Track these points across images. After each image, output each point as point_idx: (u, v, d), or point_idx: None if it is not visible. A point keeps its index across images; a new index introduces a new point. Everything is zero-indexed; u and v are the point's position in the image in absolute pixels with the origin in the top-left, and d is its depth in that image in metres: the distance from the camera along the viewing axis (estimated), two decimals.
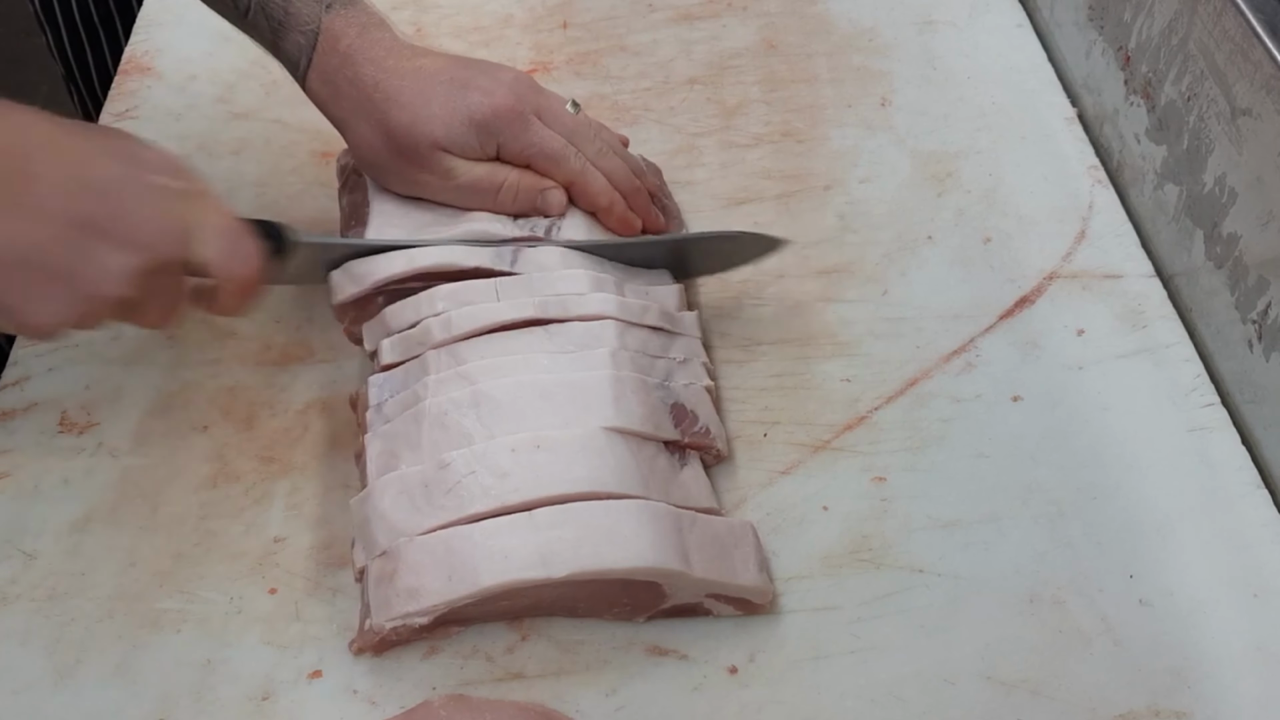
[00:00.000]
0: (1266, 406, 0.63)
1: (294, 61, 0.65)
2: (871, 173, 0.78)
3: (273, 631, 0.57)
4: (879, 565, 0.59)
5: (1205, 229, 0.69)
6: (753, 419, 0.65)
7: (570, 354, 0.60)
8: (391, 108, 0.63)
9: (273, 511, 0.62)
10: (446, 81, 0.64)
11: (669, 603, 0.56)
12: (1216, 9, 0.66)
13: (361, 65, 0.64)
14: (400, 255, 0.64)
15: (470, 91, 0.64)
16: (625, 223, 0.67)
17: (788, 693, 0.55)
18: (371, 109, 0.64)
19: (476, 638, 0.57)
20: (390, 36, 0.65)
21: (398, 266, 0.63)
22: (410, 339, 0.62)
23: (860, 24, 0.89)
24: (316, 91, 0.65)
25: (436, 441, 0.57)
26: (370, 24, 0.65)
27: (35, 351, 0.69)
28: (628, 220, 0.67)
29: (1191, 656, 0.56)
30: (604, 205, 0.66)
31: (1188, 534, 0.60)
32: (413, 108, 0.63)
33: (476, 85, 0.64)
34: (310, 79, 0.65)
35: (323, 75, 0.64)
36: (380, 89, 0.63)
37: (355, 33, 0.64)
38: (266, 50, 0.67)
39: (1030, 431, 0.64)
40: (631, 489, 0.55)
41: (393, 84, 0.63)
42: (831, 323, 0.70)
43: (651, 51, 0.87)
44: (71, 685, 0.56)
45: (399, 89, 0.63)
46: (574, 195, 0.66)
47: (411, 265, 0.63)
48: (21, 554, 0.60)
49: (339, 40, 0.64)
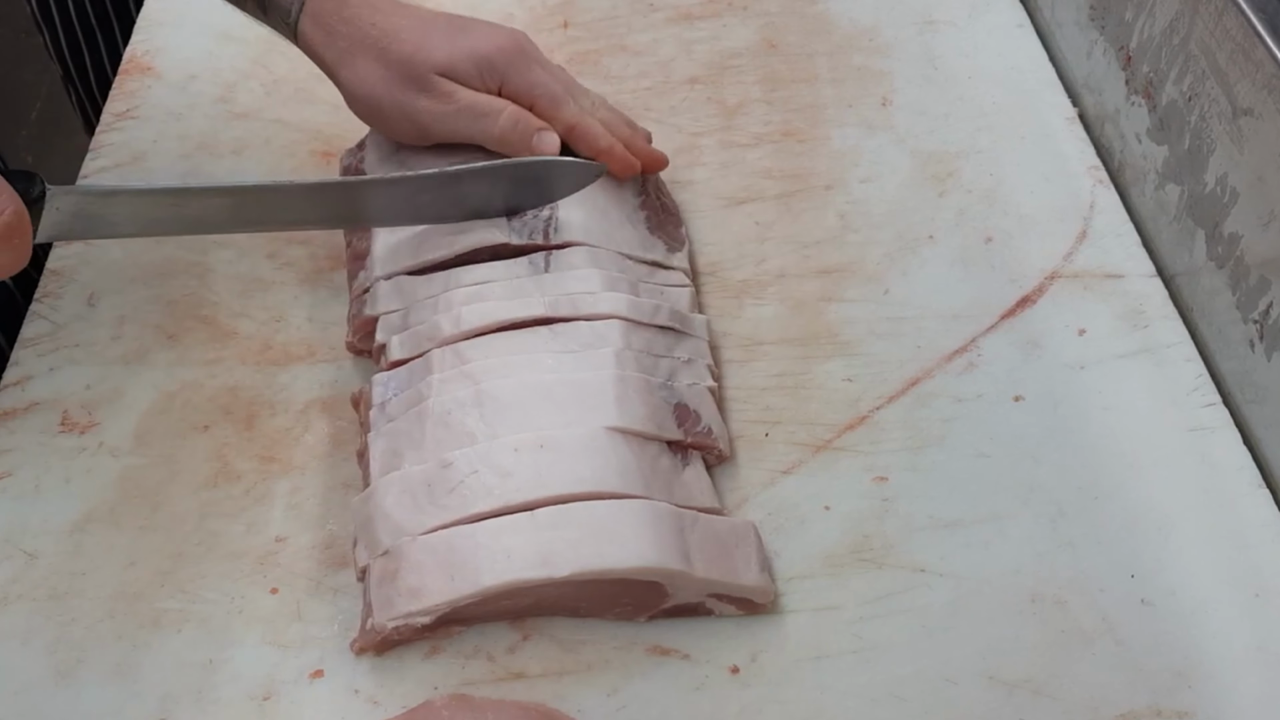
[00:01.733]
0: (1267, 406, 0.63)
1: (285, 8, 0.65)
2: (872, 172, 0.78)
3: (274, 631, 0.57)
4: (880, 565, 0.59)
5: (1206, 229, 0.69)
6: (754, 419, 0.65)
7: (574, 353, 0.60)
8: (391, 42, 0.64)
9: (274, 511, 0.62)
10: (446, 22, 0.65)
11: (671, 602, 0.56)
12: (1218, 9, 0.66)
13: (357, 8, 0.65)
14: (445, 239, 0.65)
15: (472, 32, 0.65)
16: (625, 163, 0.68)
17: (789, 692, 0.55)
18: (369, 44, 0.64)
19: (478, 637, 0.57)
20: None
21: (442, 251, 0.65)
22: (419, 334, 0.62)
23: (861, 24, 0.89)
24: (309, 35, 0.65)
25: (440, 440, 0.57)
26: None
27: (36, 351, 0.69)
28: (628, 161, 0.68)
29: (1193, 656, 0.56)
30: (604, 147, 0.67)
31: (1189, 533, 0.60)
32: (413, 40, 0.64)
33: (477, 28, 0.66)
34: (303, 24, 0.65)
35: (315, 18, 0.65)
36: (378, 26, 0.64)
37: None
38: (251, 12, 0.67)
39: (1031, 431, 0.64)
40: (634, 489, 0.55)
41: (391, 23, 0.64)
42: (832, 322, 0.70)
43: (652, 51, 0.87)
44: (72, 685, 0.56)
45: (398, 27, 0.64)
46: (573, 140, 0.67)
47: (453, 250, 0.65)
48: (22, 554, 0.60)
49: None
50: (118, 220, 0.61)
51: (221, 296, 0.72)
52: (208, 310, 0.71)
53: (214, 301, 0.71)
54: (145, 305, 0.71)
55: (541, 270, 0.64)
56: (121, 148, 0.81)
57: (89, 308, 0.71)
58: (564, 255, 0.65)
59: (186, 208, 0.62)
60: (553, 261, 0.65)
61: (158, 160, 0.80)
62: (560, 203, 0.67)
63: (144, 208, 0.61)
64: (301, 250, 0.74)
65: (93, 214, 0.60)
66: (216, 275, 0.73)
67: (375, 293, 0.66)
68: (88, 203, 0.60)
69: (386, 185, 0.66)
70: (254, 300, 0.71)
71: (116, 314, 0.71)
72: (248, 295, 0.72)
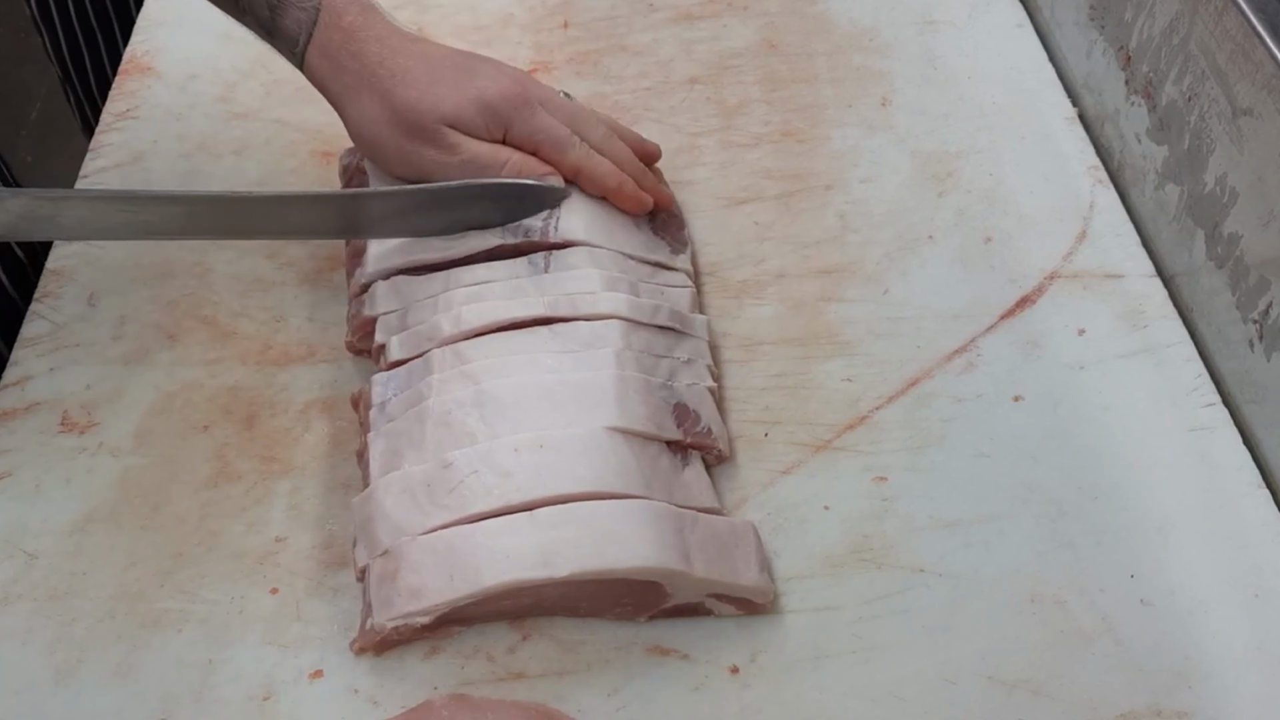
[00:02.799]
0: (1267, 406, 0.63)
1: (292, 38, 0.65)
2: (872, 172, 0.78)
3: (274, 631, 0.57)
4: (880, 565, 0.59)
5: (1206, 229, 0.69)
6: (754, 419, 0.65)
7: (574, 353, 0.60)
8: (397, 84, 0.63)
9: (274, 511, 0.62)
10: (453, 66, 0.65)
11: (670, 602, 0.56)
12: (1218, 9, 0.66)
13: (366, 42, 0.64)
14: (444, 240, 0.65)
15: (477, 76, 0.64)
16: (637, 201, 0.68)
17: (789, 692, 0.55)
18: (375, 84, 0.64)
19: (478, 637, 0.57)
20: (388, 18, 0.66)
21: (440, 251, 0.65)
22: (419, 335, 0.62)
23: (860, 24, 0.89)
24: (316, 67, 0.65)
25: (440, 440, 0.57)
26: (369, 4, 0.65)
27: (36, 351, 0.69)
28: (639, 198, 0.68)
29: (1193, 656, 0.56)
30: (613, 187, 0.67)
31: (1189, 534, 0.60)
32: (420, 85, 0.63)
33: (483, 72, 0.65)
34: (310, 54, 0.65)
35: (323, 50, 0.64)
36: (385, 66, 0.64)
37: (357, 10, 0.65)
38: (259, 35, 0.66)
39: (1031, 431, 0.64)
40: (634, 489, 0.55)
41: (398, 62, 0.64)
42: (832, 322, 0.70)
43: (652, 51, 0.87)
44: (72, 685, 0.56)
45: (405, 68, 0.64)
46: (582, 182, 0.67)
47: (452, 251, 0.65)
48: (22, 554, 0.60)
49: (341, 16, 0.64)
50: (69, 224, 0.60)
51: (221, 296, 0.72)
52: (208, 310, 0.71)
53: (214, 301, 0.71)
54: (145, 305, 0.71)
55: (541, 270, 0.64)
56: (121, 148, 0.81)
57: (89, 308, 0.71)
58: (564, 255, 0.65)
59: (139, 215, 0.61)
60: (553, 261, 0.65)
61: (158, 160, 0.80)
62: (562, 205, 0.67)
63: (95, 213, 0.60)
64: (301, 250, 0.74)
65: (42, 216, 0.59)
66: (216, 275, 0.73)
67: (374, 293, 0.66)
68: (37, 205, 0.59)
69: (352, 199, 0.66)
70: (254, 300, 0.71)
71: (116, 314, 0.71)
72: (248, 295, 0.72)
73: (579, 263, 0.64)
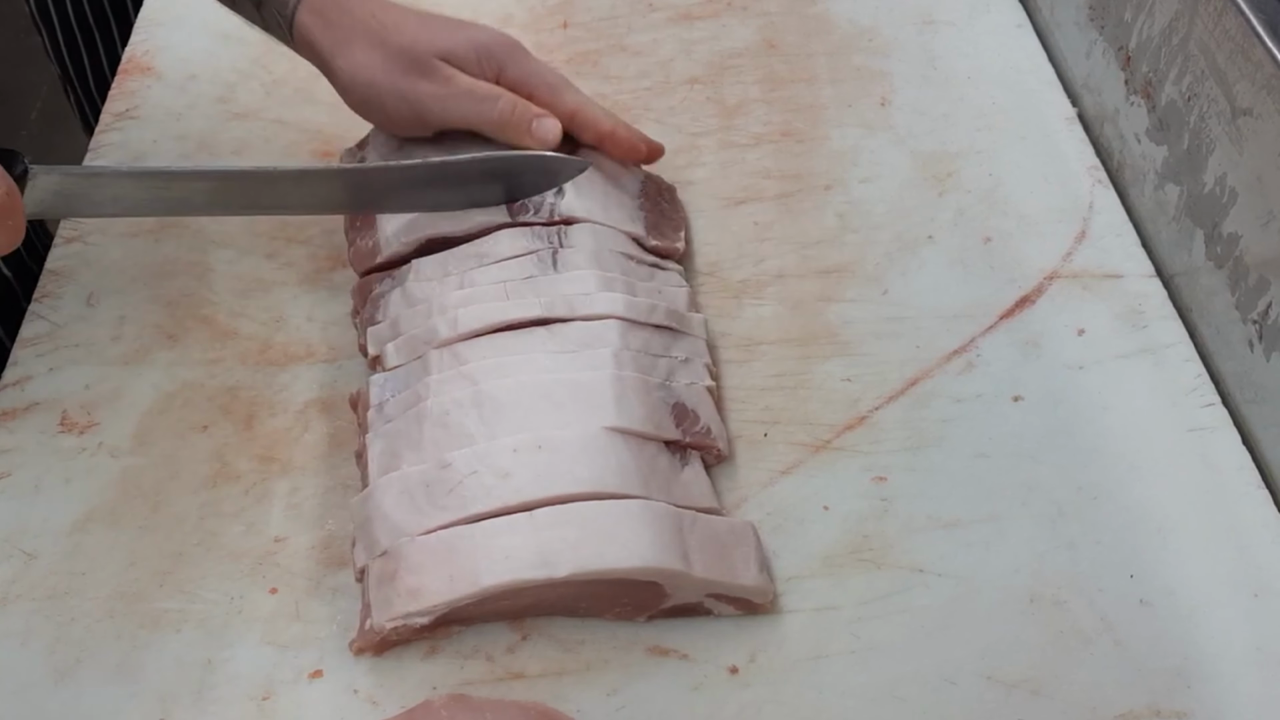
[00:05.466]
0: (1267, 406, 0.63)
1: (282, 3, 0.66)
2: (871, 172, 0.78)
3: (273, 631, 0.57)
4: (879, 565, 0.59)
5: (1206, 229, 0.69)
6: (753, 419, 0.65)
7: (572, 354, 0.60)
8: (390, 32, 0.65)
9: (273, 511, 0.62)
10: (444, 18, 0.67)
11: (670, 602, 0.56)
12: (1217, 9, 0.66)
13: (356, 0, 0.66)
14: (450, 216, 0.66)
15: (470, 26, 0.67)
16: (630, 145, 0.69)
17: (788, 692, 0.55)
18: (368, 33, 0.65)
19: (477, 637, 0.57)
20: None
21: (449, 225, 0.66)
22: (415, 340, 0.62)
23: (860, 24, 0.89)
24: (307, 25, 0.66)
25: (438, 441, 0.57)
26: None
27: (36, 351, 0.69)
28: (632, 143, 0.69)
29: (1192, 656, 0.56)
30: (607, 130, 0.68)
31: (1188, 534, 0.60)
32: (413, 30, 0.65)
33: (476, 24, 0.67)
34: (300, 13, 0.66)
35: (314, 9, 0.66)
36: (376, 18, 0.65)
37: None
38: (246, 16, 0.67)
39: (1030, 431, 0.64)
40: (633, 489, 0.55)
41: (390, 16, 0.66)
42: (832, 322, 0.70)
43: (651, 51, 0.87)
44: (71, 685, 0.56)
45: (398, 19, 0.66)
46: (576, 125, 0.68)
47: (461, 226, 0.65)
48: (21, 554, 0.60)
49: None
50: (101, 200, 0.61)
51: (221, 296, 0.72)
52: (208, 310, 0.71)
53: (214, 301, 0.71)
54: (145, 305, 0.71)
55: (549, 266, 0.64)
56: (121, 148, 0.81)
57: (89, 308, 0.71)
58: (566, 255, 0.65)
59: (170, 190, 0.62)
60: (563, 241, 0.65)
61: (157, 160, 0.80)
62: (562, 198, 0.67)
63: (126, 190, 0.61)
64: (301, 250, 0.74)
65: (76, 193, 0.60)
66: (216, 275, 0.73)
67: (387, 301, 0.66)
68: (71, 182, 0.60)
69: (374, 172, 0.66)
70: (254, 300, 0.71)
71: (116, 314, 0.71)
72: (248, 295, 0.72)
73: (582, 252, 0.64)
